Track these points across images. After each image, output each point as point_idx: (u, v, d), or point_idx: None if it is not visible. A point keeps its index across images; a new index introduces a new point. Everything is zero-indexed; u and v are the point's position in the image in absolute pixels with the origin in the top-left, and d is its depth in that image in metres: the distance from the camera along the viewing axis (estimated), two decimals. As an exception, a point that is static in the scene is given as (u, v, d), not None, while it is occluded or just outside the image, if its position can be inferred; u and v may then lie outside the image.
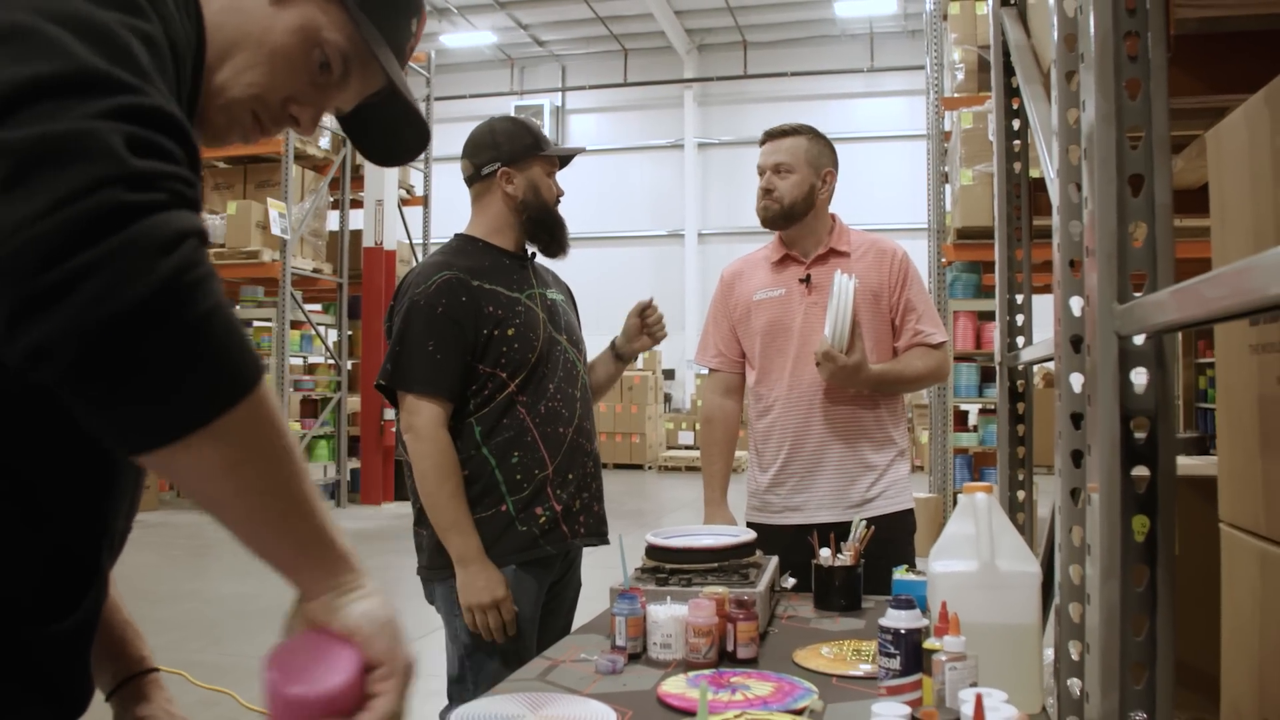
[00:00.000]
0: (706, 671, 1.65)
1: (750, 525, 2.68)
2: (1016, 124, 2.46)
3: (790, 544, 2.40)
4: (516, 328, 2.22)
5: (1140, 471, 1.14)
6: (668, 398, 16.18)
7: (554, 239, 2.34)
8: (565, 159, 2.39)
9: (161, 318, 0.61)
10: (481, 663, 2.15)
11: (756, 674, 1.63)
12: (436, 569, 2.20)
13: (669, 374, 15.97)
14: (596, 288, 17.38)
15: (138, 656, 1.13)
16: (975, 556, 1.48)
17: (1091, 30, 1.16)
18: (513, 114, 2.28)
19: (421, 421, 2.15)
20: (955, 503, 2.54)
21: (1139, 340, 1.15)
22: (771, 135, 2.70)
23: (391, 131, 1.14)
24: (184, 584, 6.28)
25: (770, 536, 2.61)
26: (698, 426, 11.97)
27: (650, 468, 14.27)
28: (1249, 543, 1.15)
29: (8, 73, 0.61)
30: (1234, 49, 1.38)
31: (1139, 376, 1.13)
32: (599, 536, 2.34)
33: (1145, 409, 1.15)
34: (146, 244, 0.61)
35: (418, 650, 0.86)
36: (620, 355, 2.58)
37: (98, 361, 0.60)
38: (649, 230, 18.85)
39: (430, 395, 2.16)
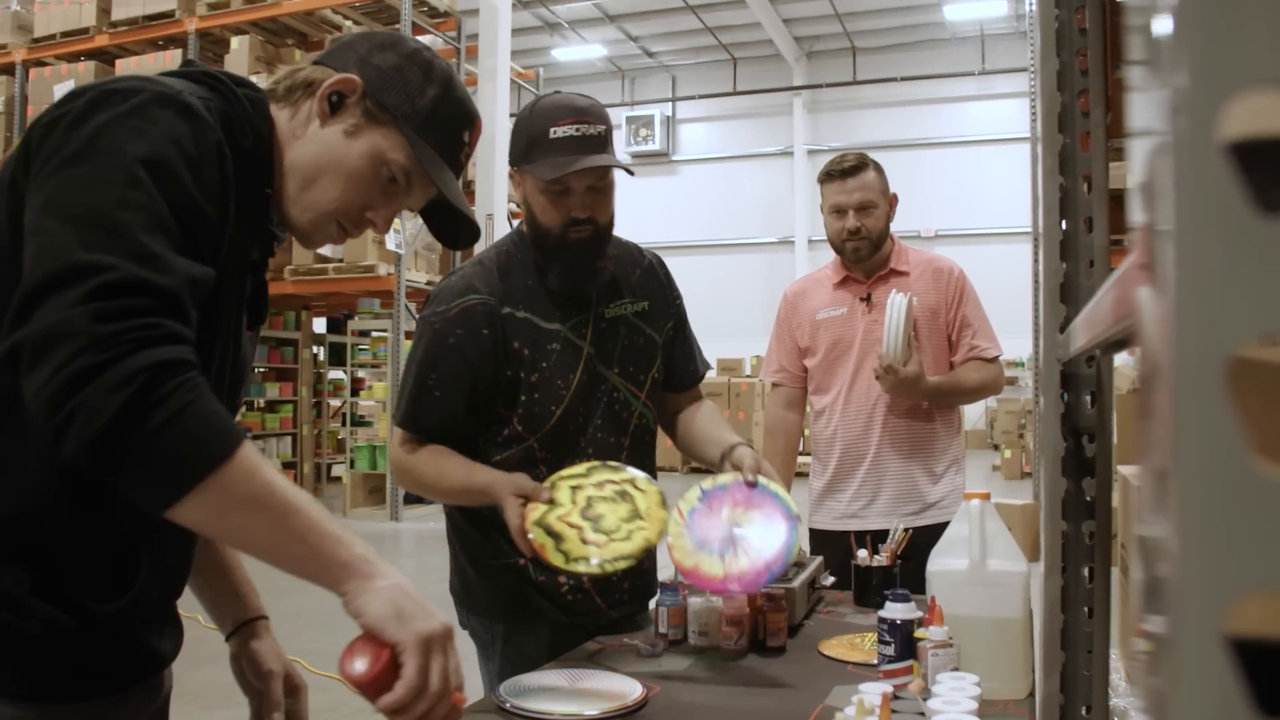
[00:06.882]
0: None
1: (811, 530, 2.84)
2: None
3: (847, 548, 2.56)
4: (541, 374, 1.86)
5: (1087, 481, 1.29)
6: (776, 404, 16.22)
7: (550, 267, 1.89)
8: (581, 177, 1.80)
9: (128, 430, 0.90)
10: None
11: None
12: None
13: (777, 380, 16.03)
14: (708, 295, 17.61)
15: (252, 605, 1.41)
16: (967, 556, 1.64)
17: (1039, 95, 1.32)
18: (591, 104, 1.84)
19: (392, 451, 1.95)
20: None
21: (1085, 366, 1.29)
22: (844, 173, 2.72)
23: (452, 223, 1.40)
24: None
25: (828, 541, 2.76)
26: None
27: (758, 473, 14.34)
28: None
29: (27, 278, 0.93)
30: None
31: (1079, 398, 1.28)
32: (647, 595, 2.07)
33: (1090, 427, 1.29)
34: (107, 388, 0.89)
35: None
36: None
37: (101, 464, 0.91)
38: (760, 238, 18.97)
39: (409, 429, 1.90)
